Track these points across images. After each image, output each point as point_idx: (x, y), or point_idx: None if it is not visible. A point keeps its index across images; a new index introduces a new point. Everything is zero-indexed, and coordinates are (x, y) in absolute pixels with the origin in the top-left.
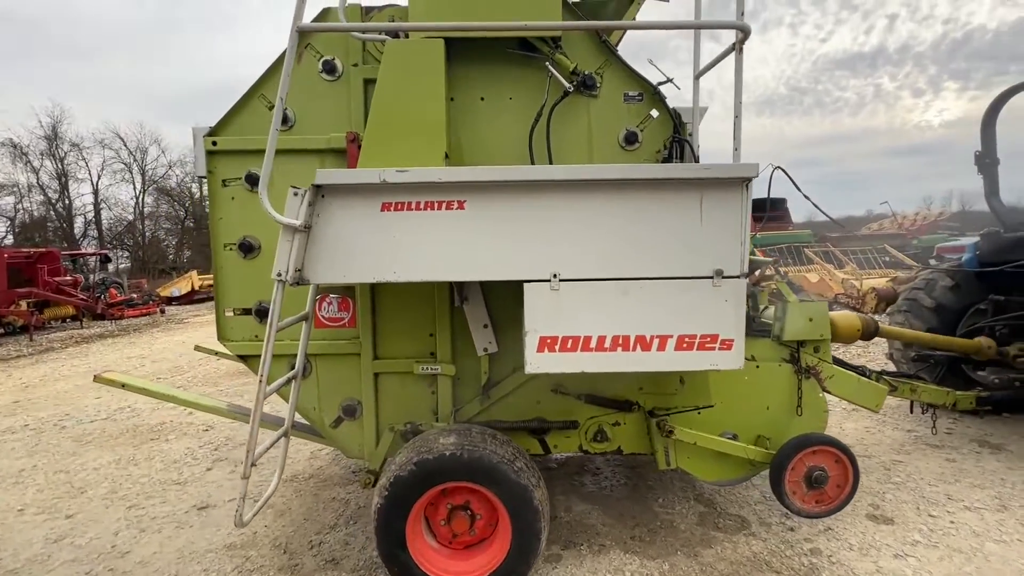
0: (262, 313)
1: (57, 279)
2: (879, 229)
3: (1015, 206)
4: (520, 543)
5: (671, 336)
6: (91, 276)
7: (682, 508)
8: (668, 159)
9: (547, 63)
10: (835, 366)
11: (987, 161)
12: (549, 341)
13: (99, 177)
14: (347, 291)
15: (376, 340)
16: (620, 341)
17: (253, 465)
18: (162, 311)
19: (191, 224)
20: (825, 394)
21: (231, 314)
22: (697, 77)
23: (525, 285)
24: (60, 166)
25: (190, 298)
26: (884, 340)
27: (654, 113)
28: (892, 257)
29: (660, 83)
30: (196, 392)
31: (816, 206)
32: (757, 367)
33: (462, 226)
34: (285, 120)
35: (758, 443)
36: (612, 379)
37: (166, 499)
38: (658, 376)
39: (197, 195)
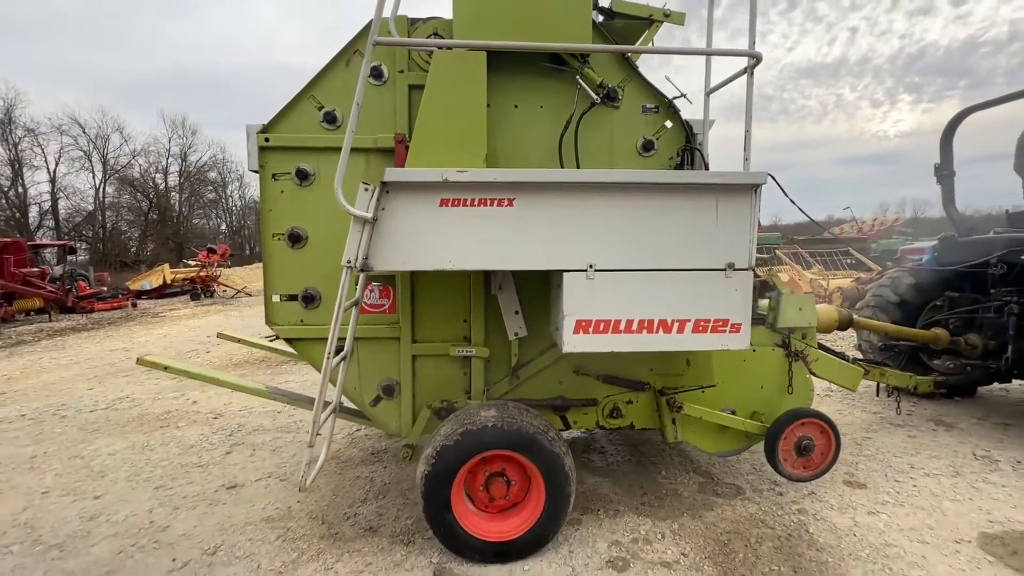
0: (308, 299)
1: (24, 270)
2: (841, 233)
3: (967, 215)
4: (552, 505)
5: (689, 320)
6: (56, 268)
7: (683, 479)
8: (680, 166)
9: (577, 76)
10: (820, 351)
11: (945, 173)
12: (584, 324)
13: (56, 164)
14: (388, 279)
15: (414, 325)
16: (645, 324)
17: (319, 435)
18: (134, 305)
19: (155, 216)
20: (810, 375)
21: (278, 300)
22: (708, 94)
23: (565, 274)
24: (14, 152)
25: (162, 292)
26: (852, 333)
27: (668, 124)
28: (854, 259)
29: (674, 97)
30: (184, 384)
31: (802, 211)
32: (753, 351)
33: (511, 221)
34: (333, 120)
35: (753, 418)
36: (627, 361)
37: (192, 480)
38: (667, 358)
39: (162, 186)
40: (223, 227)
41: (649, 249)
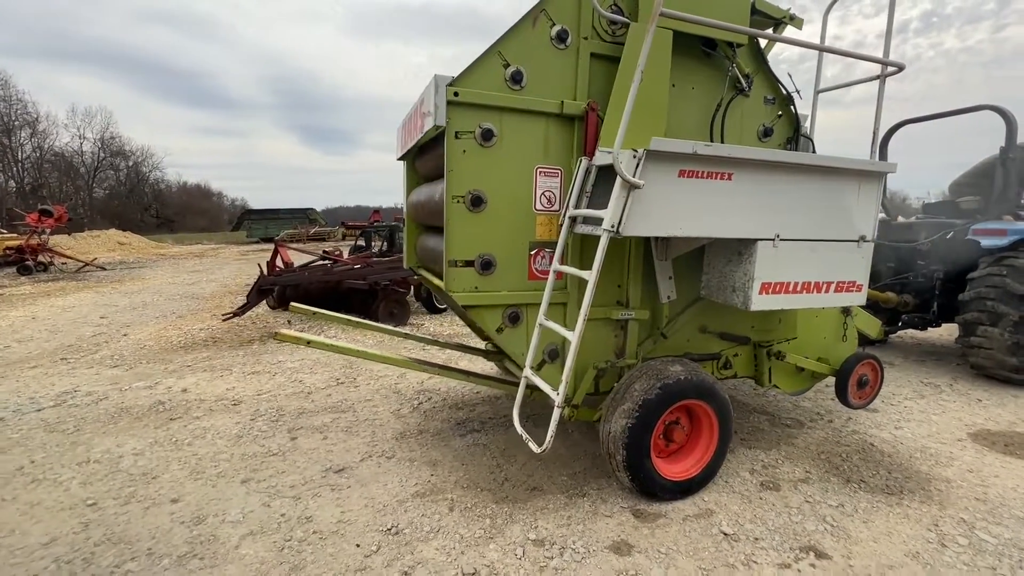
0: (485, 265)
1: None
2: None
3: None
4: (722, 444)
5: (833, 282)
6: None
7: (754, 419)
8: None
9: (731, 65)
10: (858, 307)
11: None
12: (767, 286)
13: None
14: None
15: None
16: (806, 285)
17: (568, 395)
18: None
19: None
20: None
21: (453, 265)
22: (817, 92)
23: (758, 242)
24: None
25: None
26: None
27: (779, 114)
28: None
29: (789, 92)
30: (141, 371)
31: None
32: (823, 308)
33: (728, 194)
34: (519, 80)
35: (819, 362)
36: (737, 319)
37: (281, 469)
38: (766, 316)
39: None
40: (11, 184)
41: (813, 222)
